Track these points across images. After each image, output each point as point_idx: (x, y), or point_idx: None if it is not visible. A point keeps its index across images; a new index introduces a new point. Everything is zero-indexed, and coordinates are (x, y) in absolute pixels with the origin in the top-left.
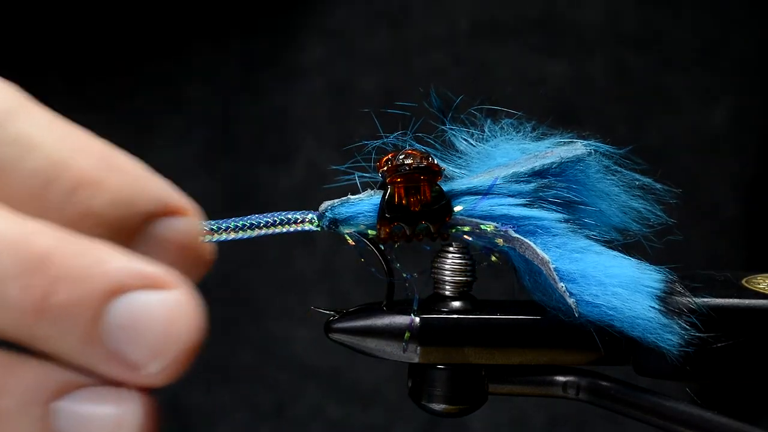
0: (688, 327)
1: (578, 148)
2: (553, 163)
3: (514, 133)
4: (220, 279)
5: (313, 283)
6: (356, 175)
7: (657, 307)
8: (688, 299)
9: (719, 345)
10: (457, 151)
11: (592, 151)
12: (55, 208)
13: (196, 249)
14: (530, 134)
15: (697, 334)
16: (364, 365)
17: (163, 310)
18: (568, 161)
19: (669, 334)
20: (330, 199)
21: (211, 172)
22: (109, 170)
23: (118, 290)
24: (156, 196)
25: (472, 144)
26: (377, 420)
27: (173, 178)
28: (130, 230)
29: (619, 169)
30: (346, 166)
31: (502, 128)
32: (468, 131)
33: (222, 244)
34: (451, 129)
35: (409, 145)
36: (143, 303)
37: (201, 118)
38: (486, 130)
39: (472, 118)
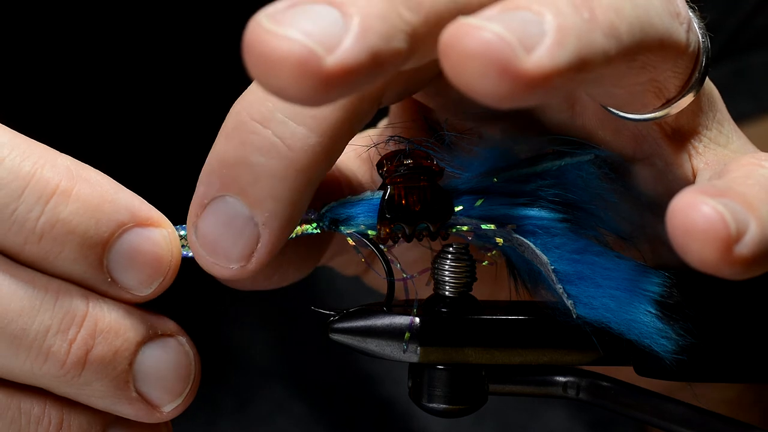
0: (683, 333)
1: (579, 152)
2: (553, 165)
3: (514, 134)
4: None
5: (316, 282)
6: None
7: (653, 311)
8: (685, 304)
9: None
10: (457, 150)
11: (593, 156)
12: (26, 218)
13: (167, 259)
14: (532, 135)
15: (692, 341)
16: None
17: (177, 358)
18: (568, 165)
19: (664, 340)
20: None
21: None
22: (76, 180)
23: (145, 341)
24: (125, 206)
25: (472, 144)
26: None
27: None
28: (103, 240)
29: (616, 176)
30: None
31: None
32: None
33: None
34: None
35: (409, 145)
36: (163, 352)
37: None
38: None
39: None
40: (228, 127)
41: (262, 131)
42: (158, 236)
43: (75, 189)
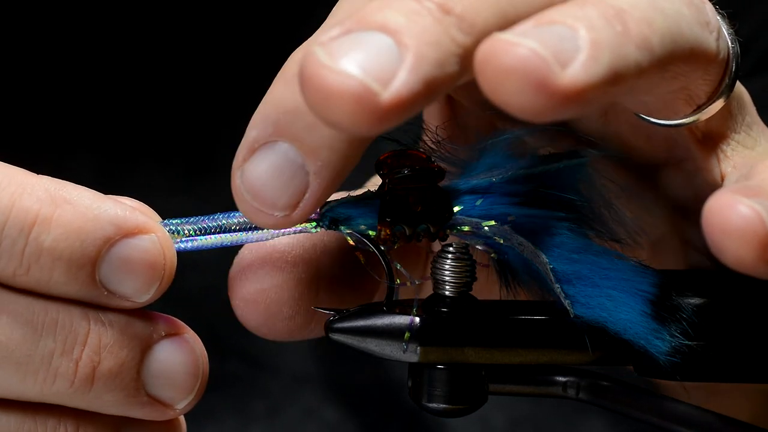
0: (677, 334)
1: (576, 155)
2: (551, 168)
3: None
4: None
5: None
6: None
7: (648, 311)
8: (680, 305)
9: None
10: (455, 153)
11: (590, 159)
12: (11, 252)
13: (160, 263)
14: (531, 135)
15: (686, 342)
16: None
17: (184, 356)
18: (566, 168)
19: (658, 340)
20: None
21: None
22: (56, 205)
23: (151, 345)
24: (109, 221)
25: (472, 145)
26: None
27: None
28: (91, 259)
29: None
30: None
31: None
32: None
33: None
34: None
35: (410, 147)
36: (169, 353)
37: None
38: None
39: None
40: (288, 73)
41: None
42: (147, 243)
43: (56, 214)
